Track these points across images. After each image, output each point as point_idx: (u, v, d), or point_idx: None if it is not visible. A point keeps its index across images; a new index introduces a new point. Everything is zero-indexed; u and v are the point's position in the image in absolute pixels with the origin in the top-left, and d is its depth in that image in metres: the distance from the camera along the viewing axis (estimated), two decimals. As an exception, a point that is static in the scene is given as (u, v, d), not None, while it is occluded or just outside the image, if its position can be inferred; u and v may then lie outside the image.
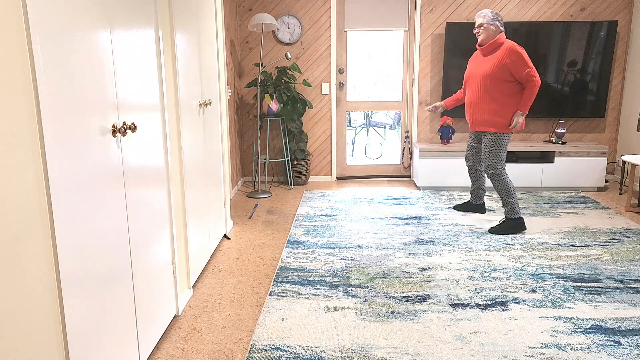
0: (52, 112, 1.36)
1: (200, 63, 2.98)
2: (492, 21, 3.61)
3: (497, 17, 3.62)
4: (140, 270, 2.00)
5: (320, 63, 5.23)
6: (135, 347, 1.95)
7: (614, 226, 3.81)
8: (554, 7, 5.03)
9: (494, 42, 3.60)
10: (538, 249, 3.37)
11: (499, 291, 2.75)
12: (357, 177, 5.57)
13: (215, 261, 3.25)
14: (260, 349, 2.21)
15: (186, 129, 2.68)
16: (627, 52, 5.10)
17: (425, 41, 5.15)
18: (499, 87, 3.59)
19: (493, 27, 3.61)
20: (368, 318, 2.47)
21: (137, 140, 1.97)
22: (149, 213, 2.11)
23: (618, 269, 3.03)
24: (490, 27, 3.61)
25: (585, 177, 4.86)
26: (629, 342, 2.24)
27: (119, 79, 1.80)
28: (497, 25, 3.61)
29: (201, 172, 3.00)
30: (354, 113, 5.89)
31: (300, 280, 2.91)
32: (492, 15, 3.62)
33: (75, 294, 1.49)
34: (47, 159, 1.33)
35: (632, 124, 5.02)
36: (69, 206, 1.45)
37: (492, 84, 3.60)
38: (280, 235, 3.72)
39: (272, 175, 5.52)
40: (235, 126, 5.08)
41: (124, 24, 1.86)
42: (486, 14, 3.63)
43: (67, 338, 1.44)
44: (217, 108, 3.46)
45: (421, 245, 3.45)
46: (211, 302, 2.69)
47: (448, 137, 5.06)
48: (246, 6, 5.15)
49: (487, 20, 3.62)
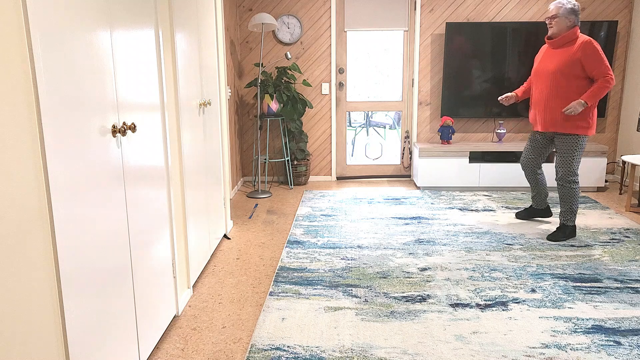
0: (52, 112, 1.36)
1: (200, 63, 2.98)
2: (569, 14, 3.29)
3: (575, 10, 3.29)
4: (140, 270, 2.00)
5: (320, 63, 5.24)
6: (135, 347, 1.95)
7: (614, 226, 3.81)
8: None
9: (567, 35, 3.31)
10: (538, 249, 3.37)
11: (499, 291, 2.75)
12: (357, 177, 5.57)
13: (215, 261, 3.25)
14: (260, 349, 2.21)
15: (186, 129, 2.68)
16: (627, 52, 5.10)
17: (425, 41, 5.15)
18: (570, 83, 3.31)
19: (568, 21, 3.31)
20: (368, 318, 2.47)
21: (137, 140, 1.97)
22: (149, 213, 2.11)
23: (618, 269, 3.03)
24: (565, 21, 3.31)
25: (585, 177, 4.86)
26: (629, 342, 2.24)
27: (119, 79, 1.80)
28: (573, 20, 3.31)
29: (201, 172, 3.00)
30: (354, 113, 5.89)
31: (300, 280, 2.91)
32: (570, 6, 3.29)
33: (75, 293, 1.49)
34: (47, 159, 1.33)
35: (632, 124, 5.02)
36: (69, 206, 1.45)
37: (564, 80, 3.32)
38: (280, 235, 3.72)
39: (272, 175, 5.52)
40: (235, 126, 5.08)
41: (124, 24, 1.86)
42: (563, 5, 3.30)
43: (67, 338, 1.44)
44: (217, 108, 3.45)
45: (421, 245, 3.45)
46: (211, 302, 2.69)
47: (448, 137, 5.06)
48: (246, 6, 5.15)
49: (562, 12, 3.30)
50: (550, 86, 3.40)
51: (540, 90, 3.48)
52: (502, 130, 5.07)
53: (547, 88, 3.42)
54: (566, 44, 3.35)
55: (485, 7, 5.05)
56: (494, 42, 4.96)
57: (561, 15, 3.32)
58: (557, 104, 3.40)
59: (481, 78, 5.05)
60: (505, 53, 4.99)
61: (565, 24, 3.33)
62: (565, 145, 3.43)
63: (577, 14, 3.33)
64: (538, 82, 3.51)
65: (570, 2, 3.32)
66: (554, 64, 3.37)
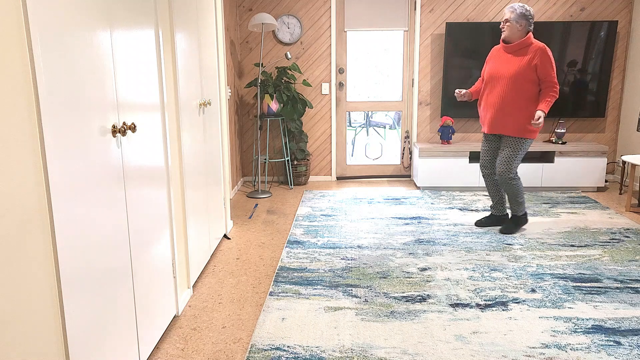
0: (52, 112, 1.36)
1: (200, 63, 2.98)
2: (519, 19, 3.37)
3: (526, 15, 3.38)
4: (140, 270, 2.00)
5: (320, 63, 5.24)
6: (135, 347, 1.95)
7: (614, 226, 3.81)
8: (554, 7, 5.03)
9: (523, 41, 3.39)
10: (538, 249, 3.37)
11: (499, 291, 2.75)
12: (357, 177, 5.57)
13: (215, 261, 3.25)
14: (260, 349, 2.21)
15: (186, 129, 2.68)
16: (627, 52, 5.10)
17: (425, 41, 5.15)
18: (523, 88, 3.41)
19: (519, 25, 3.39)
20: (368, 318, 2.47)
21: (137, 140, 1.97)
22: (149, 213, 2.11)
23: (618, 269, 3.03)
24: (515, 25, 3.39)
25: (585, 177, 4.86)
26: (629, 342, 2.24)
27: (119, 79, 1.80)
28: (524, 25, 3.39)
29: (201, 172, 3.00)
30: (354, 113, 5.89)
31: (300, 280, 2.91)
32: (521, 11, 3.38)
33: (76, 293, 1.49)
34: (47, 159, 1.33)
35: (632, 124, 5.02)
36: (69, 206, 1.45)
37: (519, 84, 3.41)
38: (280, 235, 3.72)
39: (272, 175, 5.52)
40: (235, 126, 5.08)
41: (124, 24, 1.86)
42: (515, 10, 3.39)
43: (67, 338, 1.44)
44: (217, 108, 3.45)
45: (421, 245, 3.45)
46: (211, 302, 2.69)
47: (448, 137, 5.06)
48: (246, 6, 5.15)
49: (514, 17, 3.38)
50: (506, 90, 3.46)
51: (496, 94, 3.52)
52: (502, 130, 5.07)
53: (503, 92, 3.48)
54: (521, 49, 3.43)
55: (485, 7, 5.05)
56: (494, 42, 4.96)
57: (512, 19, 3.40)
58: (511, 108, 3.47)
59: (481, 78, 5.05)
60: (505, 53, 4.98)
61: (517, 28, 3.41)
62: (511, 146, 3.53)
63: (529, 19, 3.40)
64: (493, 85, 3.54)
65: (522, 7, 3.39)
66: (511, 69, 3.43)
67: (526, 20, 3.38)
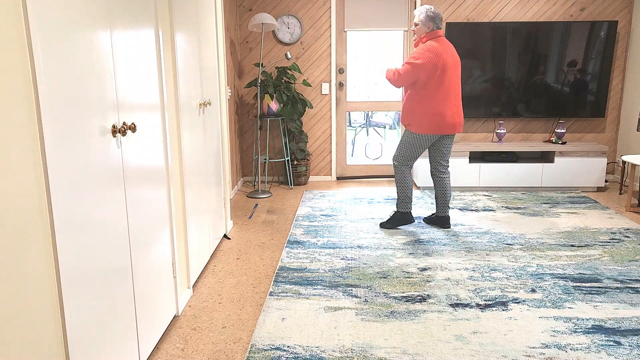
0: (52, 112, 1.36)
1: (200, 63, 2.98)
2: (426, 21, 3.47)
3: (430, 17, 3.46)
4: (140, 270, 2.00)
5: (320, 63, 5.23)
6: (135, 347, 1.95)
7: (614, 226, 3.81)
8: (554, 7, 5.03)
9: (419, 40, 3.54)
10: (538, 249, 3.37)
11: (499, 291, 2.75)
12: (357, 177, 5.57)
13: (215, 261, 3.25)
14: (260, 349, 2.21)
15: (186, 129, 2.68)
16: (627, 52, 5.10)
17: (425, 41, 5.15)
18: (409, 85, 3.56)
19: (427, 28, 3.49)
20: (368, 318, 2.47)
21: (137, 140, 1.97)
22: (149, 213, 2.11)
23: (618, 269, 3.03)
24: (422, 28, 3.51)
25: (585, 177, 4.86)
26: (629, 342, 2.24)
27: (119, 79, 1.80)
28: (432, 27, 3.47)
29: (201, 172, 3.00)
30: (354, 113, 5.89)
31: (300, 280, 2.91)
32: (427, 14, 3.46)
33: (76, 293, 1.49)
34: (47, 159, 1.33)
35: (632, 124, 5.02)
36: (69, 206, 1.45)
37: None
38: (280, 235, 3.72)
39: (272, 175, 5.52)
40: (235, 126, 5.08)
41: (124, 24, 1.86)
42: (421, 13, 3.49)
43: (67, 338, 1.44)
44: (217, 108, 3.46)
45: (421, 245, 3.44)
46: (211, 302, 2.69)
47: (448, 137, 5.06)
48: (246, 6, 5.15)
49: (419, 20, 3.50)
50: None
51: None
52: (502, 130, 5.07)
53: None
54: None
55: (485, 7, 5.05)
56: (494, 42, 4.96)
57: (419, 22, 3.51)
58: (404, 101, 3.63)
59: (481, 78, 5.05)
60: (505, 53, 4.99)
61: (425, 31, 3.51)
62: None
63: (434, 20, 3.47)
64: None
65: (430, 9, 3.48)
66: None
67: (432, 21, 3.47)
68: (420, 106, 3.49)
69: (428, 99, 3.47)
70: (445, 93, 3.49)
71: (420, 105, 3.49)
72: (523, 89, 5.06)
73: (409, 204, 3.70)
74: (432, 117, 3.50)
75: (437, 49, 3.42)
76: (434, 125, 3.52)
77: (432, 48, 3.42)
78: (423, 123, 3.51)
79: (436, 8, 5.07)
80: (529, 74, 5.03)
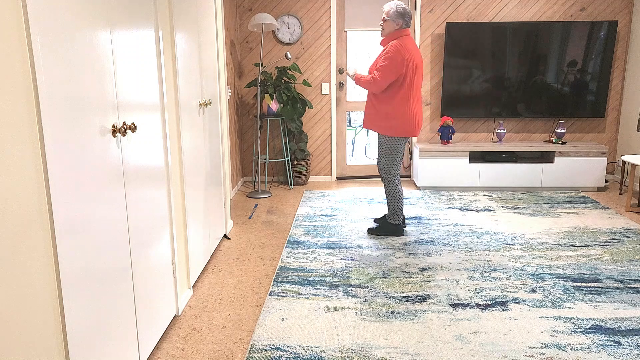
0: (52, 112, 1.36)
1: (200, 63, 2.98)
2: (395, 18, 3.37)
3: (400, 13, 3.37)
4: (140, 270, 2.00)
5: (320, 63, 5.23)
6: (135, 347, 1.95)
7: (614, 226, 3.81)
8: (554, 7, 5.03)
9: (388, 37, 3.43)
10: (538, 249, 3.37)
11: (499, 291, 2.75)
12: (357, 177, 5.57)
13: (215, 261, 3.25)
14: (260, 349, 2.21)
15: (186, 129, 2.68)
16: (627, 52, 5.10)
17: (425, 41, 5.15)
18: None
19: (397, 25, 3.38)
20: (368, 318, 2.47)
21: (137, 140, 1.97)
22: (149, 213, 2.11)
23: (618, 269, 3.03)
24: (392, 24, 3.40)
25: (585, 177, 4.86)
26: (629, 342, 2.24)
27: (119, 79, 1.80)
28: (401, 24, 3.38)
29: (201, 172, 3.00)
30: (354, 113, 5.89)
31: (300, 280, 2.91)
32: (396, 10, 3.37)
33: (75, 294, 1.49)
34: (47, 159, 1.33)
35: (632, 124, 5.02)
36: (69, 206, 1.45)
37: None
38: (280, 235, 3.72)
39: (272, 175, 5.52)
40: (235, 126, 5.08)
41: (124, 24, 1.86)
42: (391, 8, 3.39)
43: (67, 338, 1.44)
44: (217, 108, 3.45)
45: (421, 245, 3.44)
46: (211, 302, 2.69)
47: (448, 137, 5.06)
48: (246, 6, 5.15)
49: (389, 15, 3.39)
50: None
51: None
52: (502, 130, 5.07)
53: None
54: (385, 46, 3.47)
55: (485, 7, 5.05)
56: (494, 42, 4.96)
57: (389, 18, 3.40)
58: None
59: (481, 78, 5.05)
60: (505, 53, 4.99)
61: (394, 27, 3.41)
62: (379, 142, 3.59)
63: (404, 17, 3.38)
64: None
65: (399, 5, 3.38)
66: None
67: (402, 18, 3.38)
68: (397, 109, 3.40)
69: (404, 101, 3.39)
70: (416, 95, 3.45)
71: (397, 108, 3.40)
72: (523, 89, 5.06)
73: (400, 216, 3.63)
74: (408, 120, 3.43)
75: (407, 49, 3.35)
76: (410, 128, 3.46)
77: (402, 48, 3.33)
78: (399, 126, 3.42)
79: (436, 7, 5.08)
80: (529, 74, 5.03)
